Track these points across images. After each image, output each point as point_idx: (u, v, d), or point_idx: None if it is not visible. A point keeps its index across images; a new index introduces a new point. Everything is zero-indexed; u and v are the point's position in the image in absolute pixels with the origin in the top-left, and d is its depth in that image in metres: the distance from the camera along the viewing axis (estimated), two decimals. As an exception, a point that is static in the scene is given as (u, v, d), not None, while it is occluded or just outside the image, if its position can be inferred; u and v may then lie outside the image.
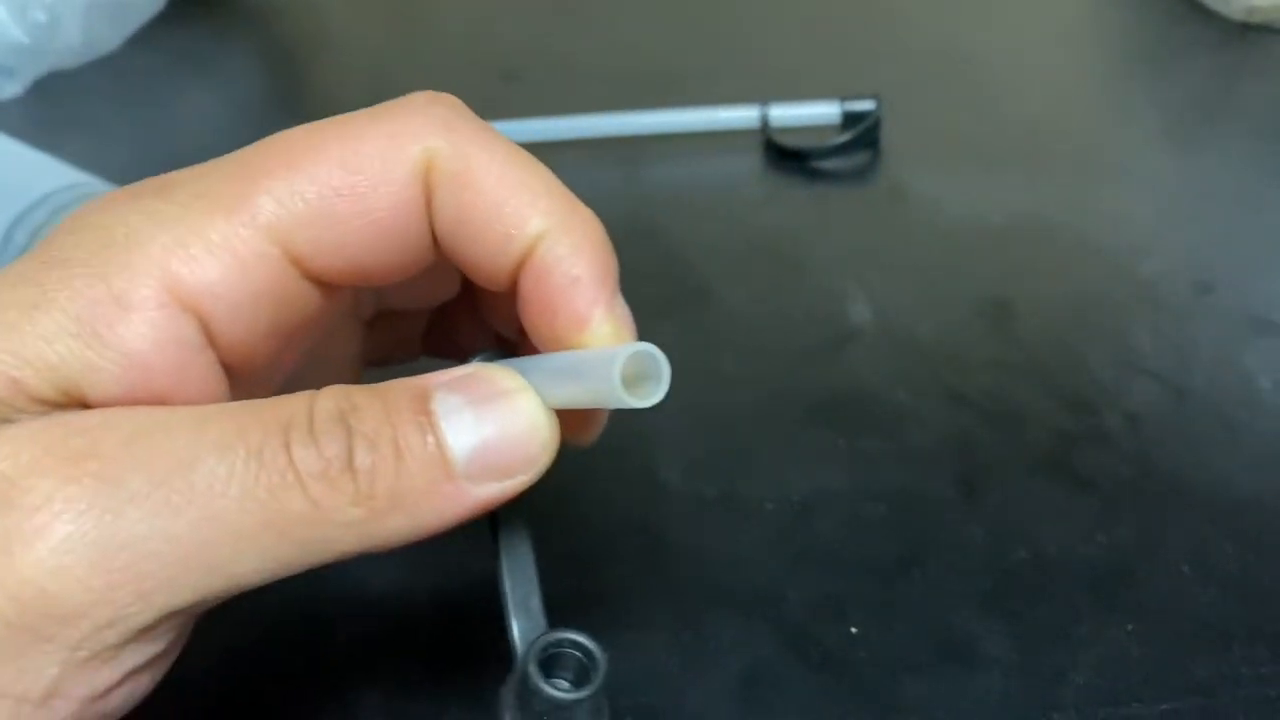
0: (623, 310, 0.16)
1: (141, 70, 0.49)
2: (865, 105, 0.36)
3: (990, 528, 0.23)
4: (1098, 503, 0.23)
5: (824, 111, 0.36)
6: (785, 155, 0.36)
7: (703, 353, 0.28)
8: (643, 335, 0.17)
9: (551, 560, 0.22)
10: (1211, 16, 0.43)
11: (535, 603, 0.17)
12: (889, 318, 0.29)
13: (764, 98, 0.37)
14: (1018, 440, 0.25)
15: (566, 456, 0.17)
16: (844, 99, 0.36)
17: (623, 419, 0.23)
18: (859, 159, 0.36)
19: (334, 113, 0.17)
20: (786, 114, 0.36)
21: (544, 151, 0.22)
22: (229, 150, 0.16)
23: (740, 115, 0.36)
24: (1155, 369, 0.27)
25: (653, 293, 0.31)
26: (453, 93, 0.42)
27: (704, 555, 0.23)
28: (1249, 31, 0.43)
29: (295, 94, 0.49)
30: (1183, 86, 0.40)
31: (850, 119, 0.36)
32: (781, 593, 0.22)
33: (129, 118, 0.46)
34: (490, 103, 0.43)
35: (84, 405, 0.14)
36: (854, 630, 0.21)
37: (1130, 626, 0.21)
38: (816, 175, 0.36)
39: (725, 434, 0.26)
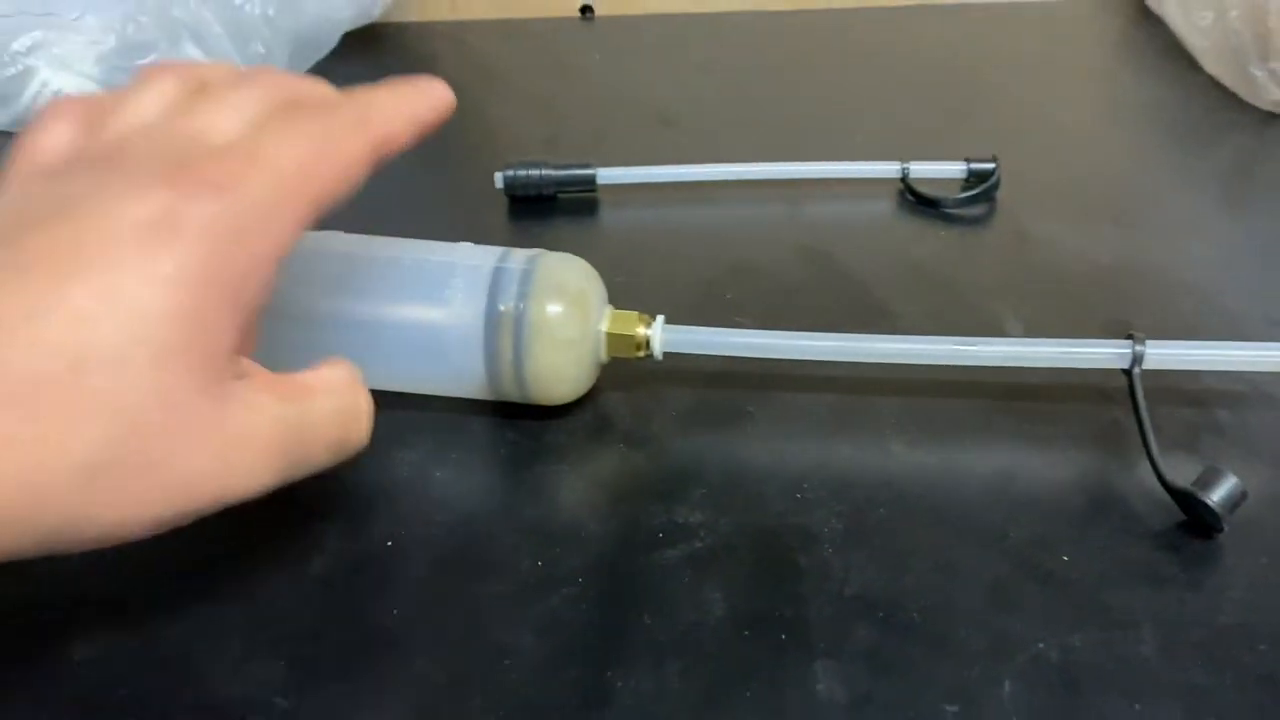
0: None
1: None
2: (987, 165, 0.44)
3: (1153, 486, 0.30)
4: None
5: (952, 169, 0.44)
6: (923, 201, 0.44)
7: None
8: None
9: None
10: (1245, 105, 0.52)
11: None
12: (1039, 333, 0.36)
13: (890, 155, 0.45)
14: (1153, 425, 0.33)
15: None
16: (968, 160, 0.44)
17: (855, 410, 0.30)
18: (979, 209, 0.44)
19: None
20: (921, 169, 0.44)
21: (708, 190, 0.29)
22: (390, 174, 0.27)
23: (884, 168, 0.44)
24: (1248, 378, 0.35)
25: (840, 307, 0.38)
26: (614, 132, 0.51)
27: (939, 511, 0.30)
28: (1275, 119, 0.52)
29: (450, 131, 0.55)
30: (1229, 160, 0.49)
31: (973, 176, 0.44)
32: (1006, 533, 0.29)
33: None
34: (650, 144, 0.50)
35: None
36: (1065, 558, 0.28)
37: (1263, 559, 0.28)
38: (947, 220, 0.44)
39: (937, 423, 0.33)
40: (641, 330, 0.32)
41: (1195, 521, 0.29)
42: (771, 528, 0.29)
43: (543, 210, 0.45)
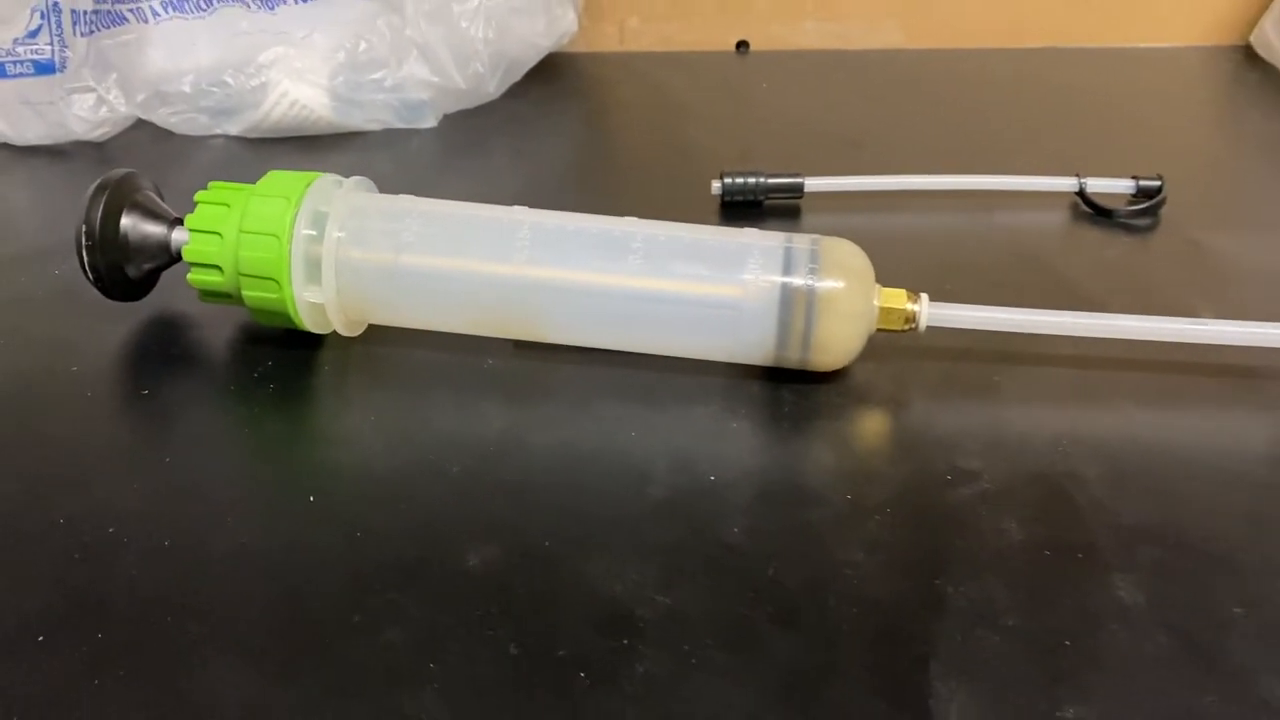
0: None
1: (512, 115, 0.61)
2: (1154, 182, 0.49)
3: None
4: None
5: (1121, 185, 0.50)
6: (1099, 211, 0.49)
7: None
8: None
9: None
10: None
11: None
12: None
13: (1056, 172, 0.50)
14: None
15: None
16: (1135, 177, 0.50)
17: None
18: (1147, 221, 0.49)
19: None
20: (1096, 184, 0.49)
21: (900, 200, 0.33)
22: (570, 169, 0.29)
23: (1063, 182, 0.49)
24: None
25: (1055, 298, 0.43)
26: (805, 152, 0.58)
27: (1188, 462, 0.34)
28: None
29: (611, 147, 0.61)
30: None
31: (1141, 192, 0.49)
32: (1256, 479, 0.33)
33: (505, 148, 0.58)
34: (842, 161, 0.55)
35: None
36: (1305, 501, 0.33)
37: None
38: (1121, 229, 0.49)
39: (1167, 393, 0.38)
40: (911, 305, 0.37)
41: None
42: (1044, 474, 0.34)
43: (753, 215, 0.50)
